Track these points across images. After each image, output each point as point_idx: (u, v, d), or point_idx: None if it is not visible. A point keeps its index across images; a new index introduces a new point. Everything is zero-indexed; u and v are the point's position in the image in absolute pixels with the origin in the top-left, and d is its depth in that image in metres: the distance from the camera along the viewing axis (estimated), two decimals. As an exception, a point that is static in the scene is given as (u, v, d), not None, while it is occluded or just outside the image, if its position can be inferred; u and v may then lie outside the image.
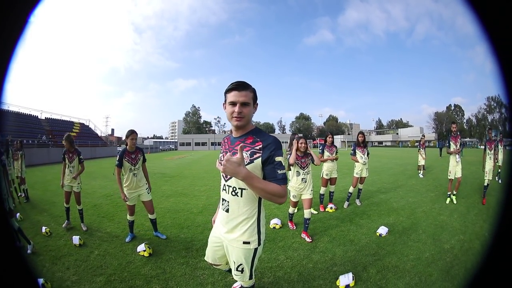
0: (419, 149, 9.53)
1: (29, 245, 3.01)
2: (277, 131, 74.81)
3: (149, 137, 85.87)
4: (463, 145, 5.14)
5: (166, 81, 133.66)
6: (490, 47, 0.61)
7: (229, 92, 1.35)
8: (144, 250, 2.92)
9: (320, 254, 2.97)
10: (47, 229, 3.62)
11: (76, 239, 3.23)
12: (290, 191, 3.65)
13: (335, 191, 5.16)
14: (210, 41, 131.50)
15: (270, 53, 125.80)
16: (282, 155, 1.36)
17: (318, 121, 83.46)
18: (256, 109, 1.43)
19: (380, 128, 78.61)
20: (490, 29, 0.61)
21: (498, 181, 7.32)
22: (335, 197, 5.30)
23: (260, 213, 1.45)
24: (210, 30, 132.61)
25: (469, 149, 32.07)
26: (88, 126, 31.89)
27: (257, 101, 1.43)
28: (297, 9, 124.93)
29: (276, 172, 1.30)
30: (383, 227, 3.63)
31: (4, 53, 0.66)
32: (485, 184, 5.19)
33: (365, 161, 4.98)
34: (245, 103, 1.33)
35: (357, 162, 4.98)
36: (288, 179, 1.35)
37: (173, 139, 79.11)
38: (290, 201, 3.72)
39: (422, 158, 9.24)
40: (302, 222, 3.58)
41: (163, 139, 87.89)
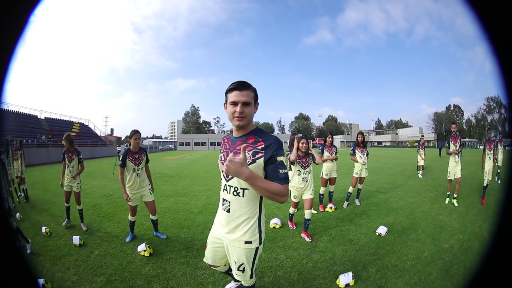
0: (418, 149, 9.56)
1: (27, 244, 3.00)
2: (276, 131, 74.81)
3: (148, 137, 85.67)
4: (462, 145, 5.15)
5: (165, 81, 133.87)
6: (490, 47, 0.61)
7: (230, 92, 1.34)
8: (144, 250, 2.92)
9: (320, 253, 2.98)
10: (47, 229, 3.61)
11: (76, 239, 3.23)
12: (291, 192, 3.63)
13: (334, 191, 5.17)
14: (209, 41, 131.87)
15: (269, 53, 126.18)
16: (283, 155, 1.37)
17: (317, 121, 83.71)
18: (257, 109, 1.43)
19: (380, 128, 78.72)
20: (490, 29, 0.61)
21: (497, 181, 7.34)
22: (335, 197, 5.31)
23: (261, 212, 1.46)
24: (210, 30, 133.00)
25: (468, 150, 32.13)
26: (88, 126, 31.86)
27: (258, 101, 1.43)
28: (297, 9, 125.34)
29: (278, 172, 1.31)
30: (382, 226, 3.64)
31: (4, 53, 0.66)
32: (484, 184, 5.20)
33: (365, 161, 4.99)
34: (247, 103, 1.33)
35: (357, 162, 4.99)
36: (288, 179, 1.35)
37: (173, 139, 79.14)
38: (291, 201, 3.70)
39: (421, 158, 9.25)
40: (302, 222, 3.59)
41: (163, 139, 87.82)
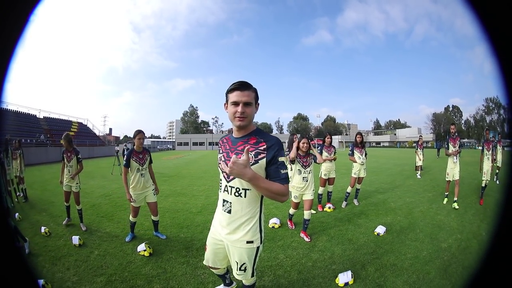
0: (416, 149, 9.58)
1: (25, 243, 2.99)
2: (274, 131, 74.80)
3: (147, 136, 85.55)
4: (461, 146, 5.17)
5: (164, 81, 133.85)
6: (490, 48, 0.61)
7: (231, 92, 1.35)
8: (144, 250, 2.92)
9: (319, 253, 2.99)
10: (46, 229, 3.60)
11: (75, 239, 3.22)
12: (291, 192, 3.61)
13: (333, 191, 5.19)
14: (208, 41, 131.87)
15: (268, 53, 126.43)
16: (284, 155, 1.38)
17: (316, 121, 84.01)
18: (257, 109, 1.43)
19: (378, 129, 78.94)
20: (490, 29, 0.61)
21: (496, 181, 7.37)
22: (333, 197, 5.33)
23: (261, 212, 1.47)
24: (209, 30, 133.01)
25: (467, 150, 32.23)
26: (86, 125, 31.73)
27: (258, 101, 1.43)
28: (296, 9, 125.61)
29: (279, 172, 1.32)
30: (381, 226, 3.65)
31: (4, 53, 0.65)
32: (483, 185, 5.23)
33: (363, 162, 5.00)
34: (248, 103, 1.34)
35: (355, 162, 5.00)
36: (289, 179, 1.37)
37: (171, 138, 79.07)
38: (292, 202, 3.69)
39: (419, 158, 9.29)
40: (301, 222, 3.59)
41: (161, 138, 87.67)
